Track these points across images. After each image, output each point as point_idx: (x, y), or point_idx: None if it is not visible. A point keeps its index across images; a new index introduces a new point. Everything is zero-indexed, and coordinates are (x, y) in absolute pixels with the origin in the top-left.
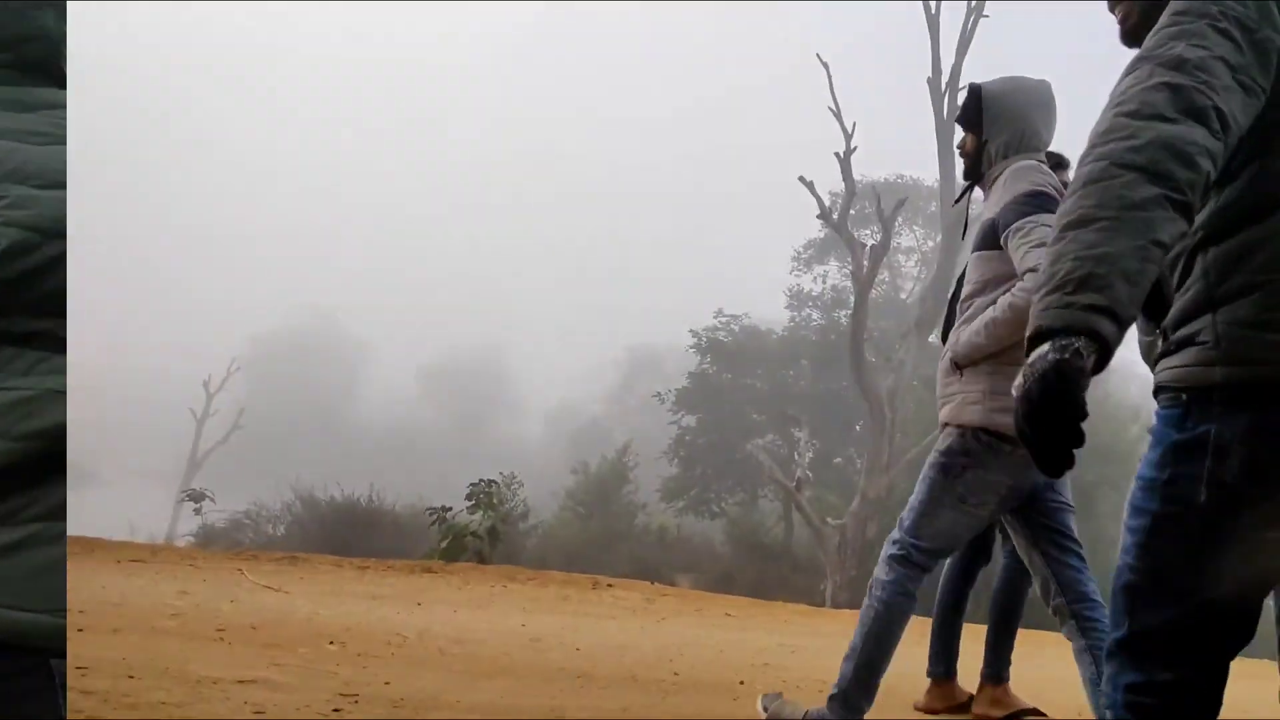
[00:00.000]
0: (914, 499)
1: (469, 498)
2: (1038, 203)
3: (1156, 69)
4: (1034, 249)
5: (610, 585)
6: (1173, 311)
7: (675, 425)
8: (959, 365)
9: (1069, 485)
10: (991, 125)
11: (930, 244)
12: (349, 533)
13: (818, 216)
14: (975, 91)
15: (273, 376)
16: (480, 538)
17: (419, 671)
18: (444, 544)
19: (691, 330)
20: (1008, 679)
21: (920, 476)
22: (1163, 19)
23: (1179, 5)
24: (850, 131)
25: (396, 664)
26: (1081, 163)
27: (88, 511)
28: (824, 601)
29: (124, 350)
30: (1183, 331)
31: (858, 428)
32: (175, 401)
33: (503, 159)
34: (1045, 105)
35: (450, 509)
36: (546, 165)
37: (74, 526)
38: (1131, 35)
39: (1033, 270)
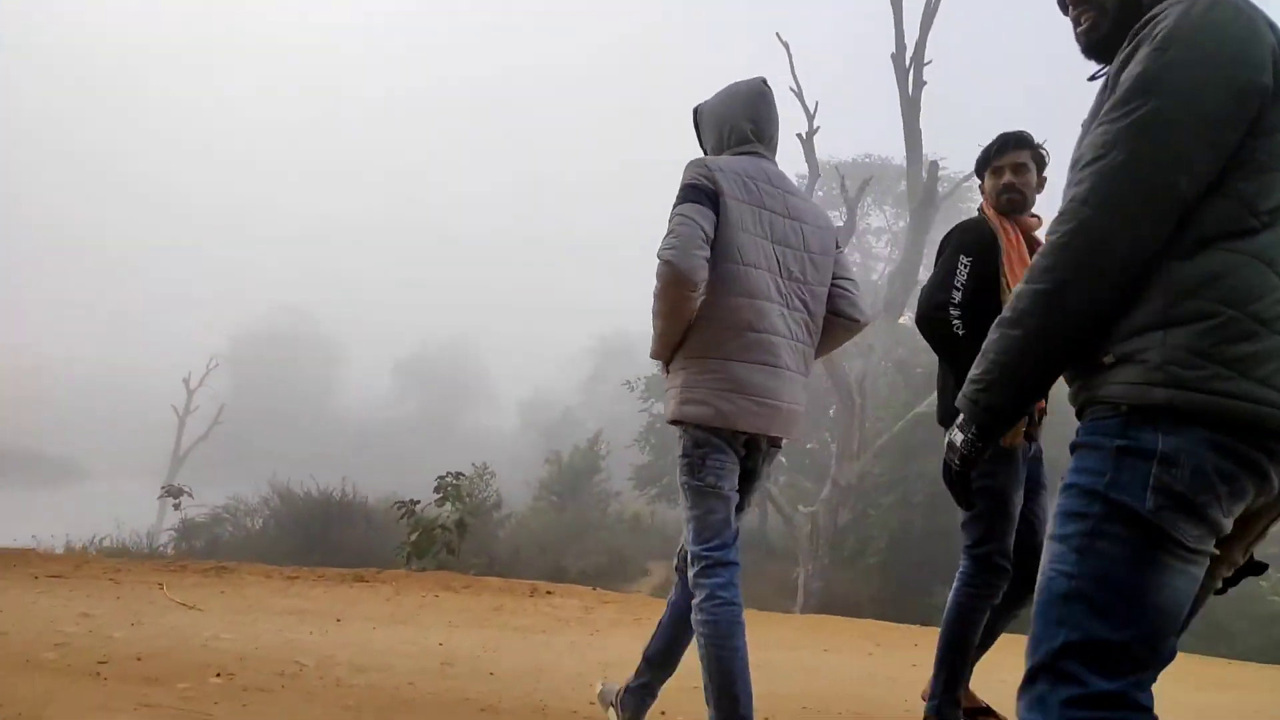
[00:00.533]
0: (684, 514)
1: (436, 490)
2: (681, 195)
3: (1120, 138)
4: (664, 239)
5: (549, 593)
6: (1122, 321)
7: (646, 413)
8: (664, 362)
9: (756, 490)
10: (702, 136)
11: (901, 223)
12: (323, 527)
13: None
14: (695, 112)
15: (251, 373)
16: (449, 530)
17: (306, 708)
18: (414, 537)
19: None
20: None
21: (679, 488)
22: (1144, 49)
23: (1164, 32)
24: (812, 111)
25: (284, 699)
26: (1045, 243)
27: (78, 507)
28: (795, 591)
29: (110, 350)
30: (1126, 346)
31: (831, 412)
32: (159, 399)
33: (470, 154)
34: (748, 101)
35: (419, 503)
36: (511, 156)
37: (65, 522)
38: (1097, 48)
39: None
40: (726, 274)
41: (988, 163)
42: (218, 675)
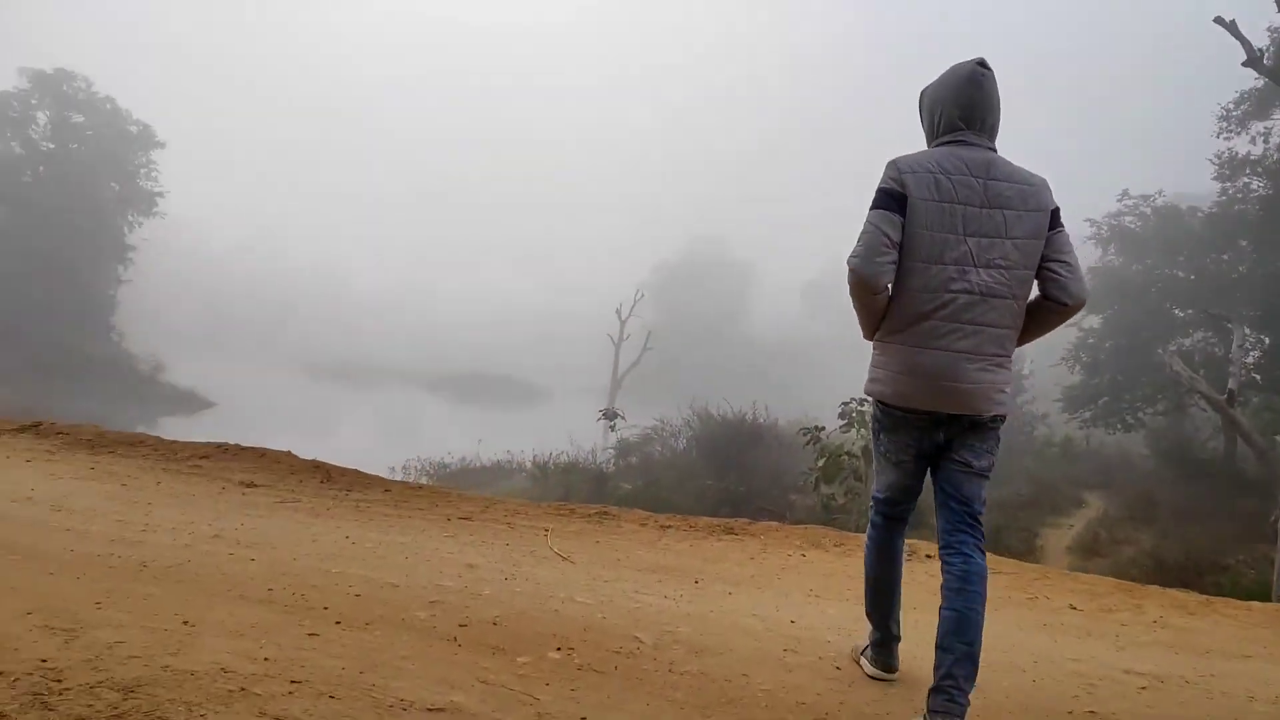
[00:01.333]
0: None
1: (841, 416)
2: (874, 200)
3: None
4: (855, 245)
5: (929, 556)
6: None
7: (1075, 327)
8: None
9: (992, 451)
10: (921, 120)
11: None
12: (738, 449)
13: (1244, 64)
14: (920, 95)
15: (673, 301)
16: (855, 457)
17: (630, 698)
18: (820, 463)
19: (1089, 219)
20: None
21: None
22: None
23: None
24: None
25: (611, 685)
26: None
27: (542, 426)
28: (1274, 535)
29: (556, 291)
30: None
31: None
32: (598, 329)
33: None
34: (959, 87)
35: (824, 429)
36: (909, 68)
37: (531, 439)
38: None
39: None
40: (908, 269)
41: None
42: (558, 649)
